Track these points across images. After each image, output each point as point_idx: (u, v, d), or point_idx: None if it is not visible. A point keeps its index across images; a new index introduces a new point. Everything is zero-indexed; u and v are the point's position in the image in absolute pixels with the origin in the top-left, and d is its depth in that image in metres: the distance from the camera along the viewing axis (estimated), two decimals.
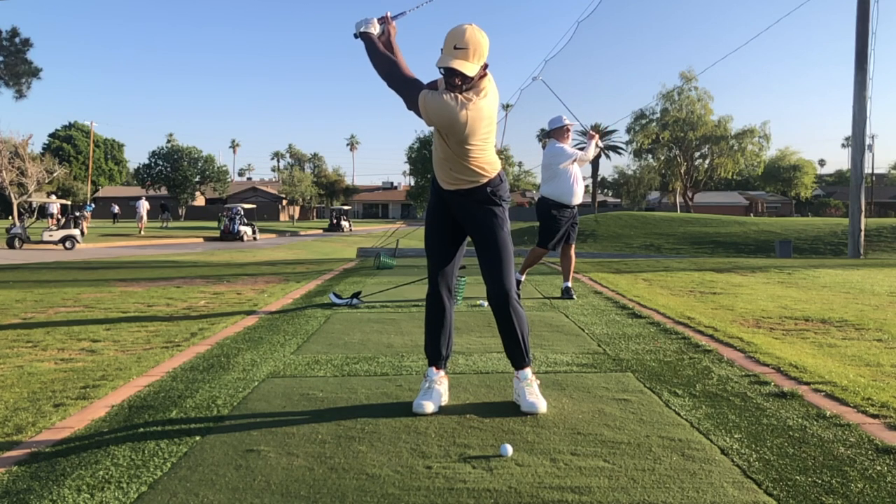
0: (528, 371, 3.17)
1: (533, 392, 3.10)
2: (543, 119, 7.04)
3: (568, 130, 6.69)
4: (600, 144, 7.01)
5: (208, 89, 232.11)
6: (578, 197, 6.61)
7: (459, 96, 2.92)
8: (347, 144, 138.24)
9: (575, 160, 6.51)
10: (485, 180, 3.11)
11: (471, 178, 3.09)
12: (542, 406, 3.05)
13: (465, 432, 2.80)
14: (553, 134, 6.71)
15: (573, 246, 6.81)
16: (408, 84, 3.01)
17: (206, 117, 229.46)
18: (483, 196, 3.12)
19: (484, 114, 2.97)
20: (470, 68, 2.87)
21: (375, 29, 3.19)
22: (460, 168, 3.06)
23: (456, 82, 2.91)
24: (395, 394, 3.37)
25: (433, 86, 3.13)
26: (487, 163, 3.09)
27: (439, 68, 2.93)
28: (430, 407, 3.05)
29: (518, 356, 3.17)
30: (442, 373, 3.22)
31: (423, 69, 3.14)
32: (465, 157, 3.02)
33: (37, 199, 33.15)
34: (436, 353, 3.23)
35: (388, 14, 3.29)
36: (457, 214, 3.20)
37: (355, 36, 3.20)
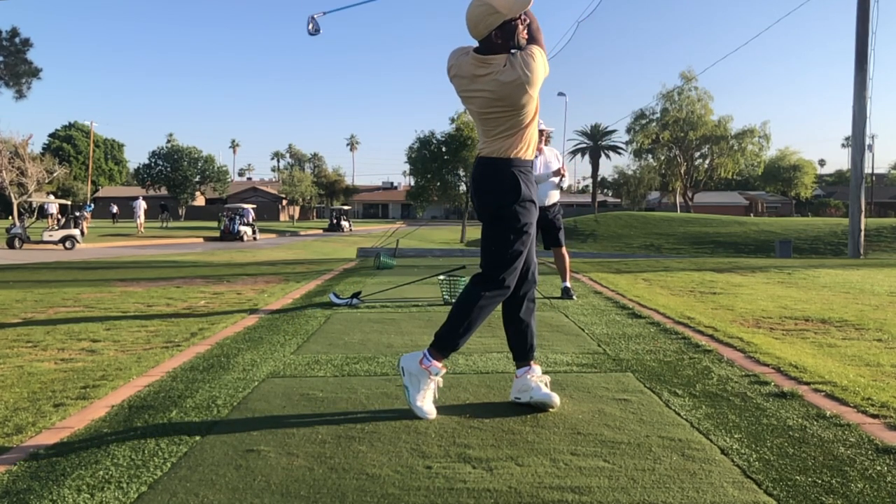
0: (537, 366, 3.22)
1: (546, 386, 3.12)
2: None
3: (541, 133, 6.69)
4: (563, 185, 6.94)
5: (208, 89, 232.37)
6: (551, 198, 6.70)
7: None
8: (347, 144, 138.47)
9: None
10: None
11: None
12: (556, 399, 3.07)
13: (465, 432, 2.80)
14: None
15: (563, 247, 6.91)
16: None
17: (206, 117, 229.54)
18: None
19: None
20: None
21: None
22: None
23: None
24: (395, 394, 3.36)
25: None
26: None
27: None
28: (434, 412, 3.00)
29: (532, 348, 3.23)
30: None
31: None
32: None
33: (37, 199, 33.15)
34: (457, 347, 3.10)
35: None
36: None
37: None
